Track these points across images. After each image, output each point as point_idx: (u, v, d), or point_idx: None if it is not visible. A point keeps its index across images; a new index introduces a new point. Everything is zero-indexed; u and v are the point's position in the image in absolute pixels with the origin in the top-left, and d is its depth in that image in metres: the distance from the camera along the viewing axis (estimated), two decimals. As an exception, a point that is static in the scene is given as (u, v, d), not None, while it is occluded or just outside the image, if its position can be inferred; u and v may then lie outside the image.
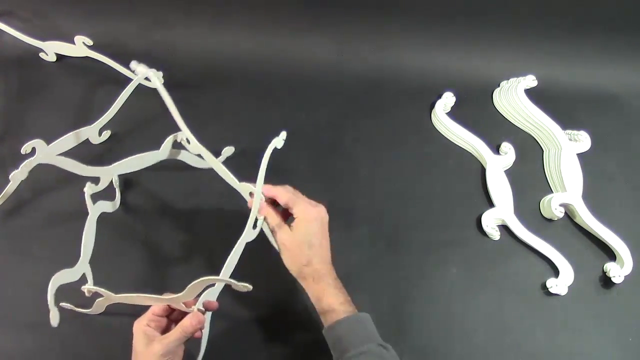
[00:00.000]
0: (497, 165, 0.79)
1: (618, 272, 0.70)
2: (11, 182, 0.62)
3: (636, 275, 0.71)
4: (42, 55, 0.84)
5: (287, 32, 0.89)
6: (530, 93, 0.85)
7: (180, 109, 0.61)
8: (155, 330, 0.51)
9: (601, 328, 0.69)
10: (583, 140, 0.82)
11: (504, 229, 0.75)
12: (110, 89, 0.74)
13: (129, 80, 0.73)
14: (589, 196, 0.76)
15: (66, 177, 0.71)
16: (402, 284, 0.70)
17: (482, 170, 0.80)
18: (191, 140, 0.61)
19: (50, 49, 0.83)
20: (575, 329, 0.69)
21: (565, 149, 0.80)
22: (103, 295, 0.53)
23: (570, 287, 0.70)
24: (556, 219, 0.76)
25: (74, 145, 0.68)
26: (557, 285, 0.70)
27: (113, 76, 0.81)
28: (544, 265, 0.73)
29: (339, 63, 0.90)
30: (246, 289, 0.47)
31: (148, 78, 0.79)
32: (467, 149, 0.83)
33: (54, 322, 0.59)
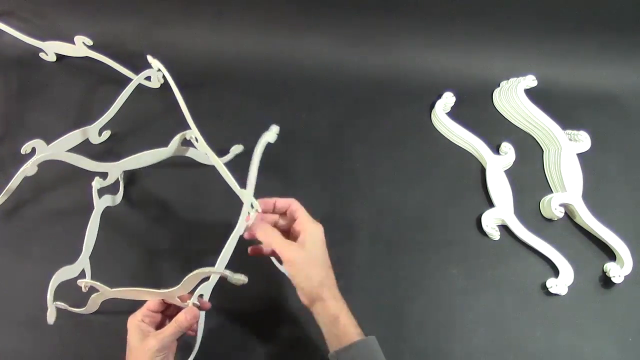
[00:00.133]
0: (497, 165, 0.79)
1: (618, 272, 0.70)
2: (16, 176, 0.63)
3: (636, 275, 0.71)
4: (42, 55, 0.84)
5: (287, 32, 0.89)
6: (530, 93, 0.85)
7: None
8: (149, 326, 0.51)
9: (601, 328, 0.69)
10: (583, 140, 0.82)
11: (504, 229, 0.75)
12: (110, 89, 0.74)
13: (129, 80, 0.73)
14: (589, 196, 0.76)
15: (65, 176, 0.72)
16: (402, 284, 0.70)
17: (482, 170, 0.80)
18: (199, 139, 0.62)
19: (50, 49, 0.83)
20: (575, 329, 0.69)
21: (565, 149, 0.80)
22: (99, 289, 0.53)
23: (570, 287, 0.70)
24: (556, 219, 0.76)
25: (78, 142, 0.68)
26: (557, 285, 0.70)
27: (113, 76, 0.81)
28: (544, 265, 0.73)
29: (339, 63, 0.89)
30: (241, 281, 0.46)
31: (148, 78, 0.80)
32: (467, 149, 0.83)
33: (50, 320, 0.59)
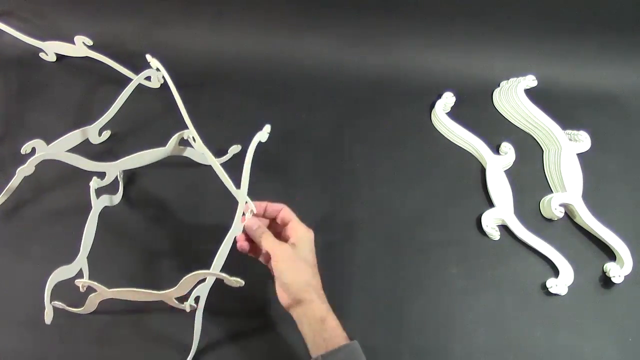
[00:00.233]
0: (497, 165, 0.79)
1: (618, 272, 0.70)
2: (16, 176, 0.62)
3: (636, 275, 0.71)
4: (42, 55, 0.84)
5: (287, 32, 0.89)
6: (530, 93, 0.85)
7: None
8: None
9: (601, 328, 0.69)
10: (583, 140, 0.82)
11: (504, 229, 0.75)
12: (110, 89, 0.74)
13: (129, 80, 0.73)
14: (589, 196, 0.76)
15: (65, 176, 0.72)
16: (402, 283, 0.70)
17: (482, 170, 0.80)
18: (197, 139, 0.62)
19: (50, 49, 0.83)
20: (575, 329, 0.69)
21: (565, 149, 0.80)
22: (97, 289, 0.53)
23: (570, 287, 0.70)
24: (556, 219, 0.76)
25: (78, 142, 0.68)
26: (557, 285, 0.70)
27: (113, 76, 0.81)
28: (543, 265, 0.73)
29: (339, 63, 0.89)
30: (238, 284, 0.47)
31: (148, 78, 0.80)
32: (467, 149, 0.83)
33: (47, 320, 0.59)
